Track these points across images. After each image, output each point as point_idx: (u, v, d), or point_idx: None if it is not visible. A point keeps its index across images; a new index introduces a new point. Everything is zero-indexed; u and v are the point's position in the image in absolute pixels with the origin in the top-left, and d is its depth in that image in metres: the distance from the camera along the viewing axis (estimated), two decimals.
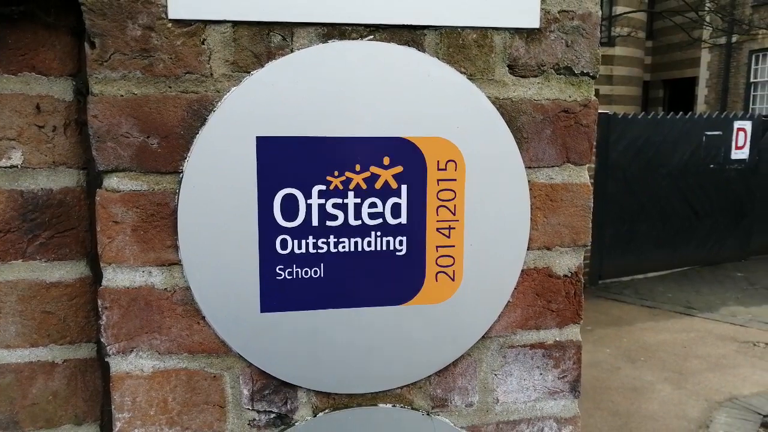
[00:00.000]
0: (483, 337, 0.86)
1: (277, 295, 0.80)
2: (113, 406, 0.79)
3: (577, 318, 0.89)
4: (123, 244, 0.77)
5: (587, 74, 0.86)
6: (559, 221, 0.87)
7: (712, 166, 8.09)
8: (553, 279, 0.87)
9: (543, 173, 0.86)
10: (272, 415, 0.83)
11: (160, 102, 0.76)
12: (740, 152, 8.28)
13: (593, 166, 7.23)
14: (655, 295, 6.98)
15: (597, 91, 7.34)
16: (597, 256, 7.38)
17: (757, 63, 19.32)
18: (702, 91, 21.41)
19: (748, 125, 8.26)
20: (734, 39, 19.64)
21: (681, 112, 7.99)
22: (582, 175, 0.87)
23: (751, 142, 8.29)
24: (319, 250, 0.80)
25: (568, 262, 0.88)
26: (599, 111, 5.16)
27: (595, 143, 0.88)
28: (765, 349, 5.27)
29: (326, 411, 0.83)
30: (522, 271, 0.86)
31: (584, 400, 4.24)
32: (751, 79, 19.49)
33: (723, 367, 4.86)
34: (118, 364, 0.78)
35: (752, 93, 19.58)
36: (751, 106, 19.31)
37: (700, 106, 20.74)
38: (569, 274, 0.88)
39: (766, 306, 6.52)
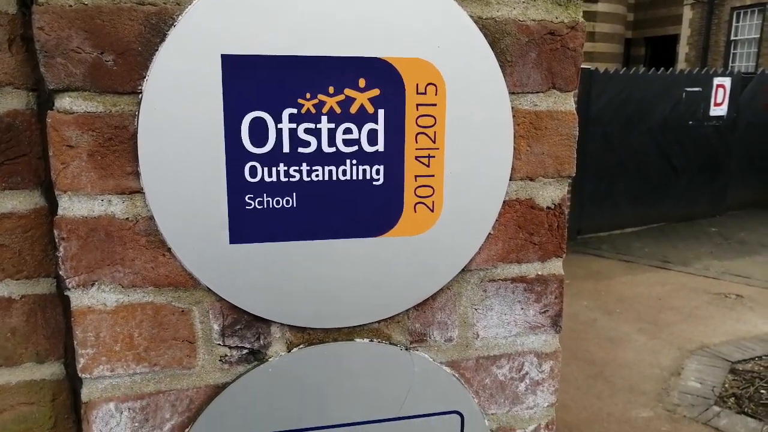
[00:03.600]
0: (463, 270, 0.83)
1: (247, 225, 0.75)
2: (75, 342, 0.75)
3: (559, 251, 0.87)
4: (79, 171, 0.71)
5: None
6: (543, 150, 0.83)
7: (691, 122, 8.13)
8: (535, 211, 0.84)
9: (527, 99, 0.82)
10: (244, 351, 0.80)
11: (114, 14, 0.69)
12: (719, 109, 8.31)
13: None
14: (632, 249, 7.09)
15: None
16: (576, 211, 7.43)
17: (738, 20, 19.27)
18: (683, 49, 21.36)
19: (727, 82, 8.27)
20: None
21: (662, 68, 7.96)
22: (567, 102, 0.83)
23: (729, 98, 8.32)
24: (290, 179, 0.76)
25: (551, 193, 0.85)
26: (584, 66, 5.09)
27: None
28: (735, 300, 5.40)
29: (301, 346, 0.81)
30: (504, 202, 0.83)
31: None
32: (732, 37, 19.47)
33: (696, 317, 4.98)
34: (78, 298, 0.74)
35: (732, 51, 19.59)
36: (730, 64, 19.35)
37: (681, 64, 20.73)
38: (552, 206, 0.85)
39: (738, 260, 6.66)
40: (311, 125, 0.75)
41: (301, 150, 0.75)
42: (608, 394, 3.74)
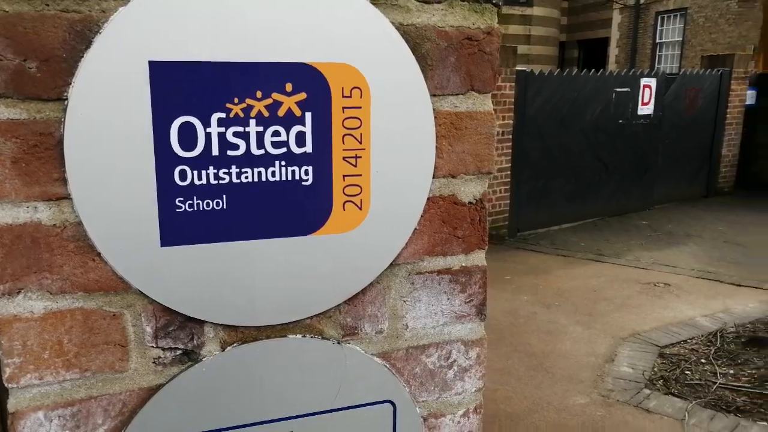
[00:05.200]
0: (391, 264, 0.87)
1: (178, 228, 0.77)
2: (1, 352, 0.74)
3: (482, 244, 0.92)
4: (2, 178, 0.71)
5: (490, 1, 0.86)
6: (464, 149, 0.88)
7: (621, 121, 8.52)
8: (458, 206, 0.89)
9: (448, 101, 0.86)
10: (178, 352, 0.81)
11: (36, 21, 0.69)
12: (646, 108, 8.76)
13: (512, 122, 7.44)
14: (569, 244, 7.37)
15: (515, 50, 7.47)
16: (515, 209, 7.67)
17: (662, 24, 20.30)
18: (613, 51, 22.30)
19: (653, 82, 8.72)
20: (642, 0, 20.49)
21: (593, 70, 8.31)
22: (486, 103, 0.89)
23: (655, 98, 8.78)
24: (220, 181, 0.78)
25: (473, 189, 0.90)
26: (518, 68, 5.24)
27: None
28: (663, 288, 5.71)
29: (235, 345, 0.82)
30: (428, 198, 0.87)
31: (502, 345, 4.46)
32: (657, 40, 20.49)
33: (628, 306, 5.23)
34: (4, 307, 0.73)
35: (658, 53, 20.62)
36: (656, 65, 20.35)
37: (611, 66, 21.65)
38: (474, 201, 0.90)
39: (666, 250, 7.04)
40: (240, 128, 0.77)
41: (230, 153, 0.77)
42: (548, 384, 3.89)
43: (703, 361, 4.12)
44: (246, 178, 0.79)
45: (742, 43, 16.69)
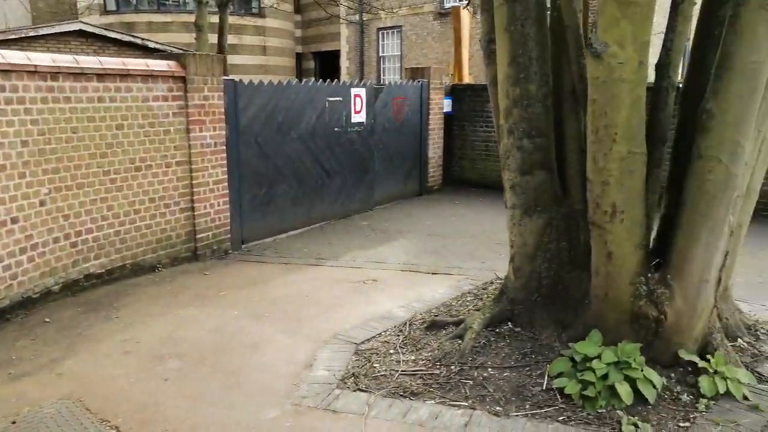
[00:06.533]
0: None
1: None
2: None
3: None
4: None
5: None
6: None
7: (336, 129, 8.91)
8: None
9: None
10: None
11: None
12: (358, 116, 9.31)
13: (224, 132, 7.21)
14: (292, 251, 7.41)
15: (222, 59, 7.26)
16: (237, 221, 7.46)
17: (383, 39, 22.18)
18: (344, 63, 23.67)
19: (362, 92, 9.31)
20: (365, 17, 22.11)
21: (305, 80, 8.53)
22: None
23: (366, 106, 9.40)
24: None
25: None
26: (226, 78, 4.99)
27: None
28: (371, 284, 6.04)
29: None
30: None
31: (201, 368, 4.19)
32: (381, 53, 22.33)
33: (335, 307, 5.39)
34: None
35: (383, 65, 22.48)
36: (382, 76, 22.17)
37: (345, 76, 22.95)
38: None
39: (379, 247, 7.52)
40: None
41: None
42: (241, 403, 3.73)
43: (391, 351, 4.39)
44: None
45: (447, 58, 19.06)
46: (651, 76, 3.94)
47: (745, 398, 3.65)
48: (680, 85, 4.32)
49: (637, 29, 3.40)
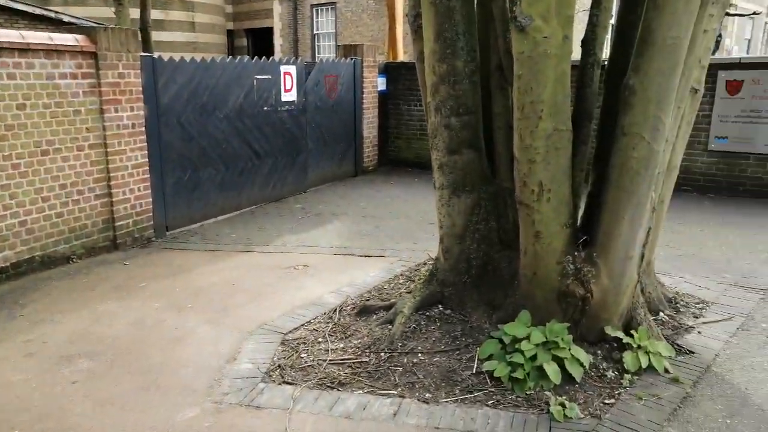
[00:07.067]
0: None
1: None
2: None
3: None
4: None
5: None
6: None
7: (266, 108, 8.56)
8: None
9: None
10: None
11: None
12: (289, 95, 8.98)
13: (143, 113, 6.76)
14: (220, 237, 7.09)
15: (136, 33, 6.75)
16: (161, 206, 7.06)
17: (318, 16, 21.63)
18: (278, 41, 22.97)
19: (293, 69, 8.98)
20: None
21: (231, 57, 8.12)
22: None
23: (297, 85, 9.08)
24: None
25: None
26: (144, 54, 4.54)
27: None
28: (301, 270, 5.84)
29: None
30: None
31: (116, 367, 3.90)
32: (315, 31, 21.79)
33: (263, 295, 5.16)
34: None
35: (317, 43, 21.96)
36: (317, 55, 21.68)
37: (278, 54, 22.30)
38: None
39: (312, 231, 7.31)
40: None
41: None
42: (158, 403, 3.48)
43: (320, 340, 4.23)
44: None
45: (382, 36, 18.79)
46: (577, 54, 3.89)
47: (666, 371, 3.72)
48: (605, 62, 4.31)
49: (562, 3, 3.32)
